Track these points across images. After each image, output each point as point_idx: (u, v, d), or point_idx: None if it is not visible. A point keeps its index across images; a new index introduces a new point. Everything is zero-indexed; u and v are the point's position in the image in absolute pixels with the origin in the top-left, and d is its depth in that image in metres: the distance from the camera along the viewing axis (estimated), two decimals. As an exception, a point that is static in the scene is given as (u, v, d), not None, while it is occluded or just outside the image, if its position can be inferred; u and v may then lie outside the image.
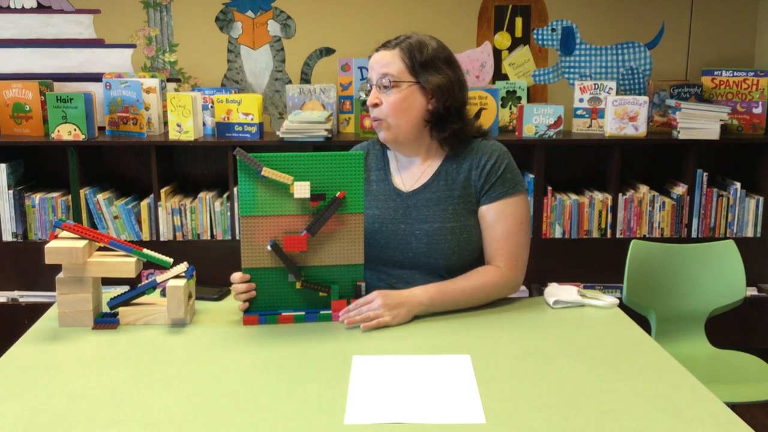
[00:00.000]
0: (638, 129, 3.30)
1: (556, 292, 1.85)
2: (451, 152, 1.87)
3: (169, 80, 3.55)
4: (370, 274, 1.89)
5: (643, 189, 3.39)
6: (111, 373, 1.44)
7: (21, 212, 3.33)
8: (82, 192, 3.30)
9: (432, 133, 1.86)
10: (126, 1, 3.49)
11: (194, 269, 1.74)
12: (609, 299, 1.83)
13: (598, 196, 3.38)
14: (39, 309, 1.86)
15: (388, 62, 1.79)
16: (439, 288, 1.75)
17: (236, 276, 1.70)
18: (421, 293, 1.73)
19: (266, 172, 1.62)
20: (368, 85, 1.85)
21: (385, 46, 1.83)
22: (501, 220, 1.81)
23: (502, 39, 3.57)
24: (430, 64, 1.80)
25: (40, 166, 3.53)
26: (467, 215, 1.83)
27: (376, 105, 1.81)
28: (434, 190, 1.85)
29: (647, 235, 3.39)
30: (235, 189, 3.27)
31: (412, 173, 1.90)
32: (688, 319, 2.48)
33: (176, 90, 3.55)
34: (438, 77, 1.80)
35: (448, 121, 1.83)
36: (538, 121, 3.32)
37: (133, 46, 3.54)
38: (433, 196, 1.85)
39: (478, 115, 3.34)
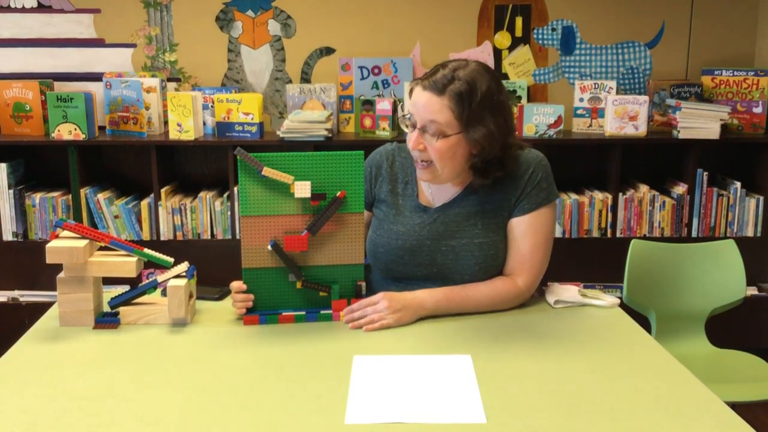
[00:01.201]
0: (638, 128, 3.30)
1: (556, 291, 1.85)
2: None
3: (169, 80, 3.55)
4: (387, 283, 1.87)
5: (644, 188, 3.39)
6: (111, 372, 1.44)
7: (21, 212, 3.33)
8: (82, 191, 3.30)
9: (474, 176, 1.78)
10: (126, 0, 3.49)
11: (195, 269, 1.74)
12: (609, 299, 1.83)
13: (599, 195, 3.38)
14: (40, 308, 1.86)
15: (436, 111, 1.67)
16: (446, 294, 1.73)
17: (234, 285, 1.71)
18: (428, 297, 1.72)
19: (267, 171, 1.62)
20: (408, 120, 1.74)
21: (433, 86, 1.67)
22: (530, 234, 1.78)
23: (503, 38, 3.57)
24: (478, 115, 1.67)
25: (40, 165, 3.53)
26: (497, 230, 1.79)
27: (420, 150, 1.72)
28: (464, 204, 1.81)
29: (647, 235, 3.39)
30: (236, 188, 3.27)
31: (442, 188, 1.84)
32: (689, 319, 2.48)
33: (176, 89, 3.55)
34: (482, 131, 1.67)
35: (490, 170, 1.75)
36: (538, 120, 3.32)
37: (133, 45, 3.54)
38: (463, 211, 1.80)
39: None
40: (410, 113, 1.73)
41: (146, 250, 1.69)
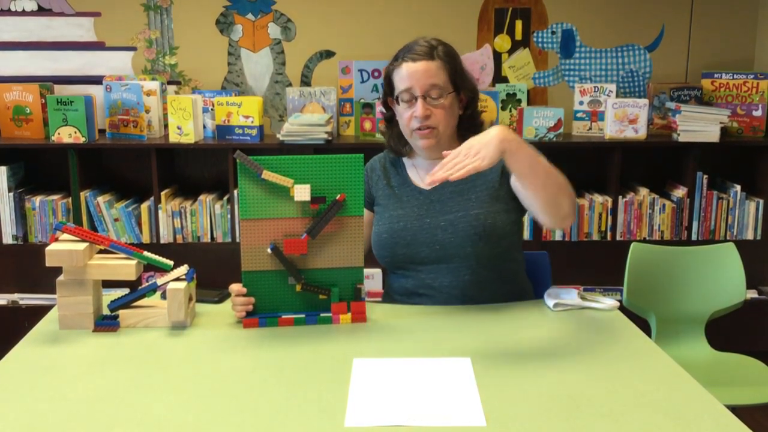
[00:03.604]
0: (638, 131, 3.31)
1: (556, 294, 1.85)
2: None
3: (169, 83, 3.55)
4: (397, 276, 1.90)
5: (643, 192, 3.39)
6: (111, 375, 1.44)
7: (21, 215, 3.33)
8: (82, 194, 3.30)
9: (462, 136, 1.83)
10: (126, 3, 3.49)
11: (194, 272, 1.74)
12: (609, 302, 1.83)
13: (598, 198, 3.38)
14: (39, 311, 1.86)
15: (435, 73, 1.82)
16: (531, 150, 1.63)
17: (234, 287, 1.71)
18: (509, 136, 1.58)
19: (266, 175, 1.62)
20: (406, 95, 1.82)
21: (422, 56, 1.82)
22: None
23: (502, 42, 3.57)
24: (462, 73, 1.88)
25: (40, 168, 3.53)
26: (491, 201, 1.85)
27: (427, 116, 1.82)
28: (455, 183, 1.85)
29: (647, 238, 3.39)
30: (236, 191, 3.27)
31: (431, 172, 1.89)
32: (688, 322, 2.48)
33: (176, 92, 3.56)
34: (471, 84, 1.90)
35: (476, 123, 1.92)
36: (538, 123, 3.32)
37: (133, 48, 3.54)
38: (455, 189, 1.87)
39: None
40: (408, 87, 1.82)
41: (146, 253, 1.69)
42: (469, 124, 1.91)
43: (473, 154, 1.56)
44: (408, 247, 1.86)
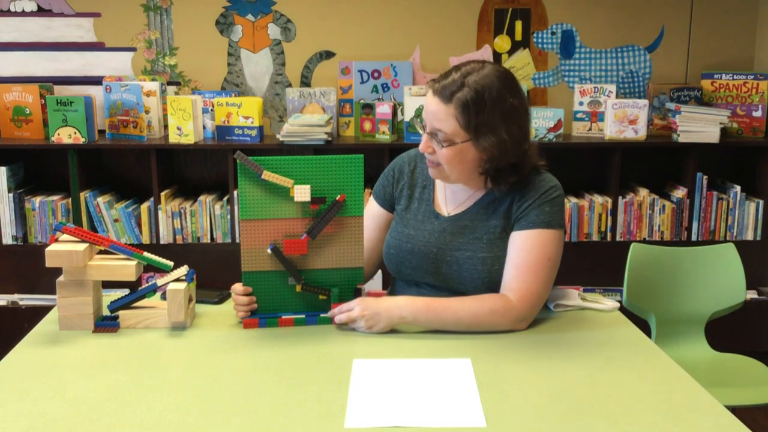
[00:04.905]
0: (638, 132, 3.31)
1: (556, 295, 1.85)
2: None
3: (169, 83, 3.55)
4: (404, 285, 1.88)
5: (643, 192, 3.39)
6: (111, 376, 1.44)
7: (21, 215, 3.33)
8: (82, 195, 3.30)
9: (486, 182, 1.76)
10: (126, 4, 3.49)
11: (194, 272, 1.74)
12: (609, 303, 1.83)
13: (598, 199, 3.38)
14: (39, 312, 1.86)
15: (442, 119, 1.66)
16: (428, 303, 1.67)
17: (238, 288, 1.70)
18: (405, 305, 1.67)
19: (266, 175, 1.62)
20: (422, 124, 1.75)
21: (442, 92, 1.66)
22: (526, 249, 1.72)
23: (502, 42, 3.58)
24: (486, 124, 1.65)
25: (40, 169, 3.53)
26: (502, 246, 1.75)
27: (429, 152, 1.73)
28: (473, 218, 1.79)
29: (647, 239, 3.39)
30: (236, 192, 3.27)
31: (456, 196, 1.83)
32: (689, 322, 2.48)
33: (176, 93, 3.56)
34: (492, 139, 1.66)
35: (502, 176, 1.74)
36: (538, 124, 3.32)
37: (133, 49, 3.54)
38: (470, 224, 1.78)
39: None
40: (424, 117, 1.73)
41: (146, 254, 1.69)
42: (498, 173, 1.73)
43: (364, 318, 1.65)
44: (413, 269, 1.82)
